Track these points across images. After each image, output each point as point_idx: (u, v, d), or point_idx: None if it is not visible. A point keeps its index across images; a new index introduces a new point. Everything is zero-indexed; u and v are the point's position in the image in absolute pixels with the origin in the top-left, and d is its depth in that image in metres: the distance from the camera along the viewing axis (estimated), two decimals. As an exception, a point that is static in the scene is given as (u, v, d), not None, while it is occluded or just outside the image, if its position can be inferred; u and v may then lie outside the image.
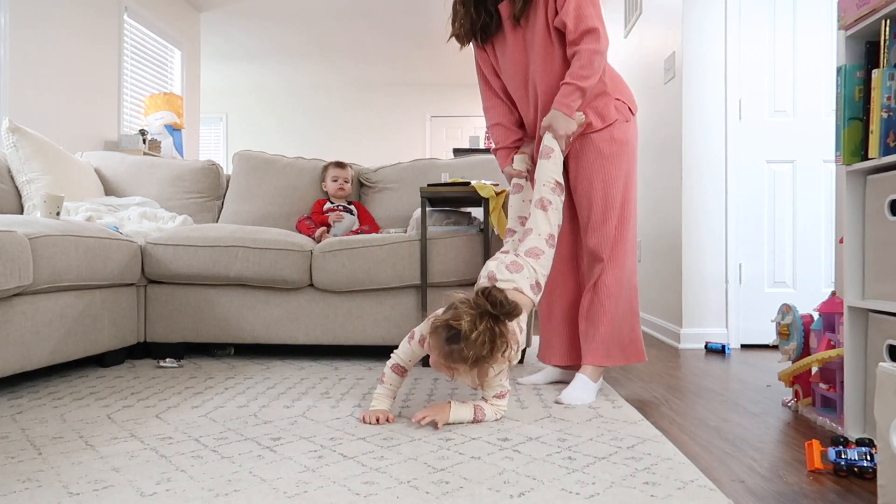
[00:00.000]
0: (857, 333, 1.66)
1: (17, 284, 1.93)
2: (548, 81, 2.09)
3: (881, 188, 1.59)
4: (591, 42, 1.99)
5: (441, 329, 1.60)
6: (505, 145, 2.25)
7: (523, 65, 2.14)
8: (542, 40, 2.07)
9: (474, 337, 1.56)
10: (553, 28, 2.05)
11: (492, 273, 1.86)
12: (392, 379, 1.79)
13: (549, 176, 2.00)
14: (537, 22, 2.07)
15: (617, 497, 1.21)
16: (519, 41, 2.13)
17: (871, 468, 1.36)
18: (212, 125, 8.91)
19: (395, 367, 1.80)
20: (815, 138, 3.36)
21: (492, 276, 1.85)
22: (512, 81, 2.19)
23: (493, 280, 1.83)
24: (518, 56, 2.14)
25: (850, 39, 1.67)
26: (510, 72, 2.18)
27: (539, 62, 2.09)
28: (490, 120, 2.29)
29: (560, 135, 2.01)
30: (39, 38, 4.06)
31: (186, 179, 3.40)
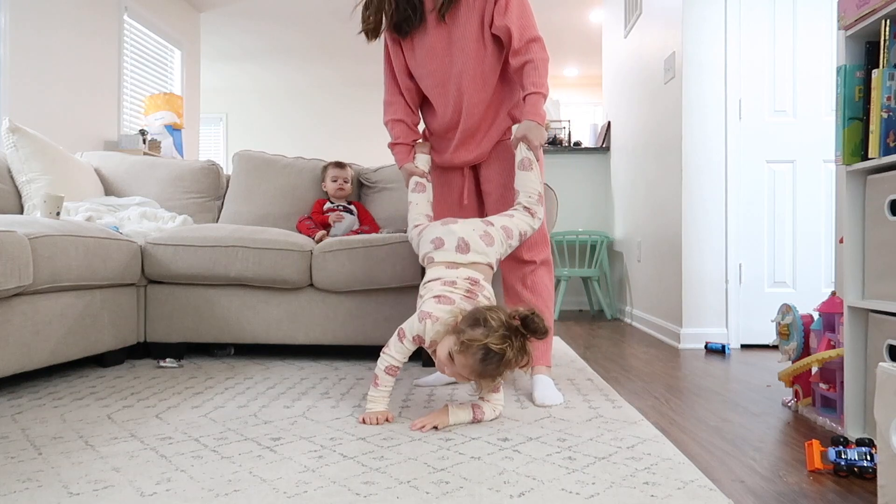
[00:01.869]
0: (857, 333, 1.66)
1: (17, 284, 1.93)
2: (476, 84, 2.07)
3: (881, 188, 1.59)
4: (540, 51, 2.00)
5: (477, 350, 1.58)
6: (405, 142, 2.23)
7: (445, 63, 2.09)
8: (475, 42, 2.04)
9: (511, 358, 1.59)
10: (488, 32, 2.03)
11: (463, 241, 1.89)
12: (387, 381, 1.77)
13: (534, 188, 2.04)
14: (469, 23, 2.03)
15: (617, 497, 1.21)
16: (443, 38, 2.07)
17: (871, 468, 1.36)
18: (212, 125, 8.91)
19: (390, 369, 1.76)
20: (815, 138, 3.36)
21: (462, 246, 1.88)
22: (429, 79, 2.13)
23: (463, 250, 1.88)
24: (440, 53, 2.08)
25: (850, 39, 1.67)
26: (428, 69, 2.12)
27: (469, 63, 2.05)
28: (391, 115, 2.24)
29: (536, 145, 2.02)
30: (39, 38, 4.06)
31: (186, 179, 3.40)
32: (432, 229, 1.98)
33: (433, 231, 1.97)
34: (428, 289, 1.83)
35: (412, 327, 1.74)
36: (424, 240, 1.97)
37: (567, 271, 4.91)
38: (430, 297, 1.77)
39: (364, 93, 8.68)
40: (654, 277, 3.99)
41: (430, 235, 1.96)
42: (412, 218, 2.13)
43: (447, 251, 1.89)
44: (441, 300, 1.74)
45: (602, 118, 5.83)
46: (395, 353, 1.75)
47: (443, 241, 1.90)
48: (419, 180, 2.18)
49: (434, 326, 1.68)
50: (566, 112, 7.57)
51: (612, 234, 5.32)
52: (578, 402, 2.00)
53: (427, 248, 1.94)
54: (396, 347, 1.75)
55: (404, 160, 2.22)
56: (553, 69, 8.35)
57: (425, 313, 1.71)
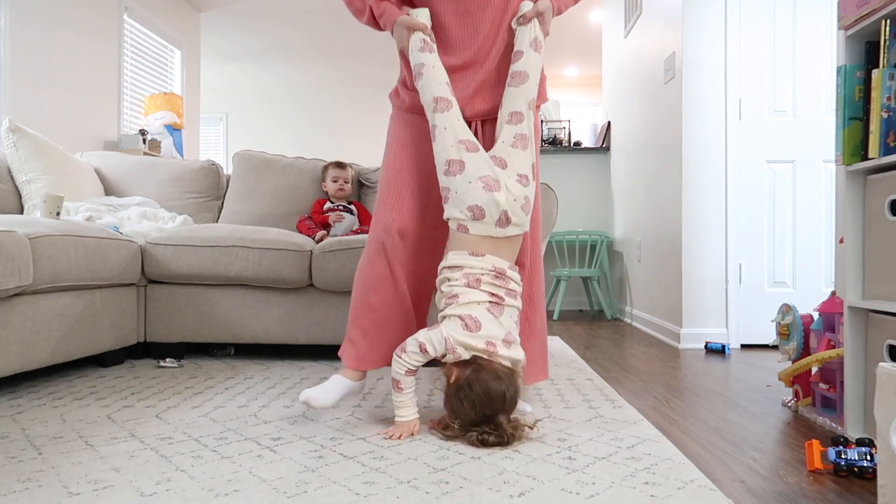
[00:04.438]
0: (857, 333, 1.66)
1: (17, 284, 1.93)
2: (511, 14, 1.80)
3: (881, 188, 1.59)
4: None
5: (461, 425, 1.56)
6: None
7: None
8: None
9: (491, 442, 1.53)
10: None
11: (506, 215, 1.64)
12: (408, 383, 1.63)
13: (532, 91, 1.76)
14: None
15: (617, 497, 1.21)
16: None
17: (871, 468, 1.36)
18: (212, 125, 8.90)
19: (410, 372, 1.62)
20: (815, 138, 3.36)
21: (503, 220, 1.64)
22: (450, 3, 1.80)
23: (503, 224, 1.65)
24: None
25: (850, 39, 1.67)
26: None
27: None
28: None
29: (547, 28, 1.78)
30: (39, 38, 4.06)
31: (186, 179, 3.40)
32: (475, 186, 1.64)
33: (475, 191, 1.64)
34: (451, 286, 1.64)
35: (434, 346, 1.58)
36: (461, 194, 1.65)
37: (567, 271, 4.91)
38: (455, 315, 1.59)
39: (364, 93, 8.68)
40: (654, 277, 3.99)
41: (469, 195, 1.64)
42: (430, 87, 1.71)
43: (486, 224, 1.65)
44: (467, 324, 1.56)
45: (602, 118, 5.83)
46: (413, 361, 1.61)
47: (483, 212, 1.63)
48: (423, 37, 1.74)
49: (449, 357, 1.58)
50: (566, 112, 7.57)
51: (612, 233, 5.32)
52: (578, 402, 2.00)
53: (462, 215, 1.65)
54: (415, 357, 1.61)
55: (394, 15, 1.77)
56: (553, 69, 8.36)
57: (451, 346, 1.56)
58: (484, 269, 1.64)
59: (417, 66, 1.74)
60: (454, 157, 1.67)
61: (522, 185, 1.69)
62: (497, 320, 1.60)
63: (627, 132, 4.76)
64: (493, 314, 1.60)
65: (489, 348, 1.56)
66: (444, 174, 1.69)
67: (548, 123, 5.90)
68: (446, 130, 1.69)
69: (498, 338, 1.58)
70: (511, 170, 1.68)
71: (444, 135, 1.69)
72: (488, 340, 1.56)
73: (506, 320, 1.62)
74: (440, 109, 1.70)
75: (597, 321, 4.67)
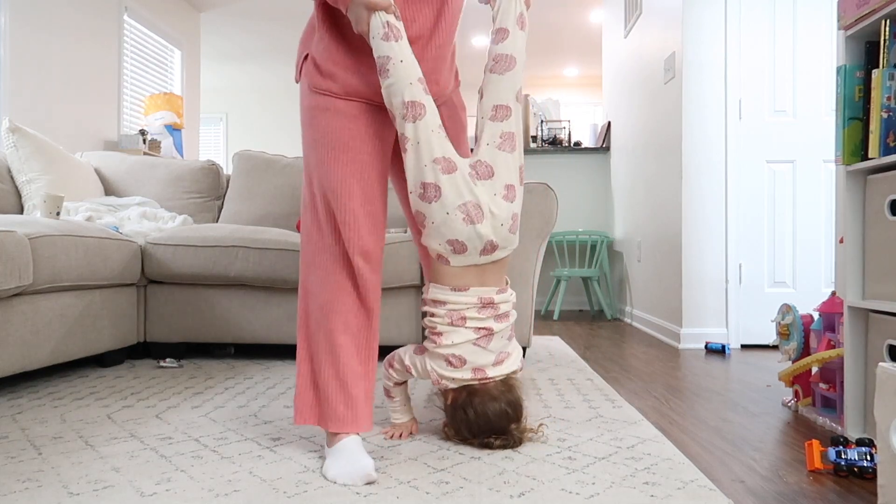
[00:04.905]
0: (857, 333, 1.66)
1: (17, 284, 1.93)
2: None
3: (881, 188, 1.59)
4: None
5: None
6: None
7: None
8: None
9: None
10: None
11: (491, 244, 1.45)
12: (398, 391, 1.63)
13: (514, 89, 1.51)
14: None
15: (617, 497, 1.21)
16: None
17: (871, 468, 1.36)
18: (212, 125, 8.91)
19: (399, 383, 1.62)
20: (815, 138, 3.36)
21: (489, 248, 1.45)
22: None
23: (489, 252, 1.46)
24: None
25: (850, 39, 1.67)
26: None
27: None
28: None
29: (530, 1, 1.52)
30: (39, 39, 4.06)
31: (186, 179, 3.41)
32: (454, 217, 1.41)
33: (454, 223, 1.41)
34: (433, 322, 1.48)
35: (419, 371, 1.52)
36: (438, 225, 1.42)
37: (567, 271, 4.91)
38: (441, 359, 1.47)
39: (364, 93, 8.68)
40: (654, 277, 3.99)
41: (447, 227, 1.42)
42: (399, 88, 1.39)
43: (469, 256, 1.45)
44: (451, 363, 1.47)
45: (602, 118, 5.83)
46: (401, 377, 1.60)
47: (465, 246, 1.43)
48: (387, 19, 1.38)
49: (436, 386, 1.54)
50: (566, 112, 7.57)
51: (612, 234, 5.32)
52: (578, 402, 2.00)
53: (441, 248, 1.45)
54: (403, 374, 1.58)
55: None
56: (553, 69, 8.36)
57: (435, 379, 1.49)
58: (469, 303, 1.46)
59: (382, 60, 1.39)
60: (429, 181, 1.40)
61: (509, 200, 1.47)
62: (485, 350, 1.47)
63: (627, 132, 4.76)
64: (480, 346, 1.47)
65: (477, 375, 1.47)
66: (418, 197, 1.43)
67: (548, 123, 5.90)
68: (420, 146, 1.40)
69: (487, 364, 1.47)
70: (498, 180, 1.45)
71: (418, 151, 1.40)
72: (475, 368, 1.47)
73: (496, 344, 1.49)
74: (412, 117, 1.39)
75: (597, 321, 4.67)
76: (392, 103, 1.41)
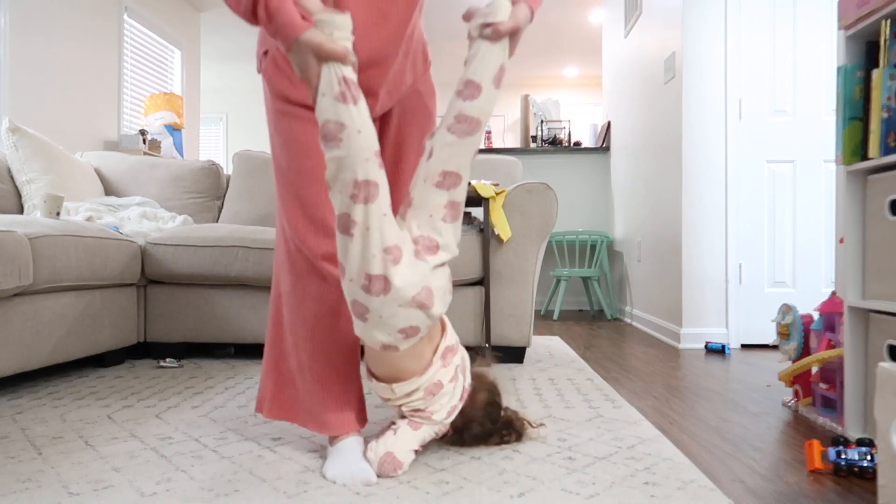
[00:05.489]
0: (858, 333, 1.66)
1: (17, 284, 1.93)
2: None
3: (881, 188, 1.59)
4: None
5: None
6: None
7: None
8: None
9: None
10: None
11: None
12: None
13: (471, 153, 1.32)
14: None
15: (617, 497, 1.21)
16: None
17: (872, 468, 1.36)
18: (212, 125, 8.90)
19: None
20: (815, 138, 3.36)
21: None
22: None
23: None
24: None
25: (850, 39, 1.67)
26: None
27: None
28: None
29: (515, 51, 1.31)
30: (39, 39, 4.06)
31: (186, 179, 3.41)
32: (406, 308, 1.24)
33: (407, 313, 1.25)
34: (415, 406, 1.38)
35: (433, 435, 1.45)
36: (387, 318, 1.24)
37: (567, 271, 4.91)
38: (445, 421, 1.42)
39: (364, 93, 8.68)
40: (654, 277, 3.99)
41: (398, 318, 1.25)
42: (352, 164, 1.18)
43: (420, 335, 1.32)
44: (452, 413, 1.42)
45: (602, 118, 5.83)
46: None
47: (418, 329, 1.28)
48: (345, 72, 1.18)
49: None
50: (566, 112, 7.57)
51: (612, 234, 5.32)
52: (578, 402, 2.00)
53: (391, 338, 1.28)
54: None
55: (295, 23, 1.17)
56: (553, 69, 8.36)
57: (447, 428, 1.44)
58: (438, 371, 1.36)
59: (333, 126, 1.17)
60: (377, 273, 1.20)
61: (445, 269, 1.32)
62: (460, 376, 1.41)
63: (627, 132, 4.76)
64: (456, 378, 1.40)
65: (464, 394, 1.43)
66: (360, 288, 1.22)
67: (548, 123, 5.90)
68: (369, 232, 1.19)
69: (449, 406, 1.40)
70: (439, 256, 1.28)
71: (367, 238, 1.19)
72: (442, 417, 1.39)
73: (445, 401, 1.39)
74: (363, 199, 1.18)
75: (597, 321, 4.67)
76: (338, 178, 1.19)
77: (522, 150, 5.67)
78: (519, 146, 6.62)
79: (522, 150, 5.67)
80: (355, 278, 1.22)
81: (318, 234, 1.37)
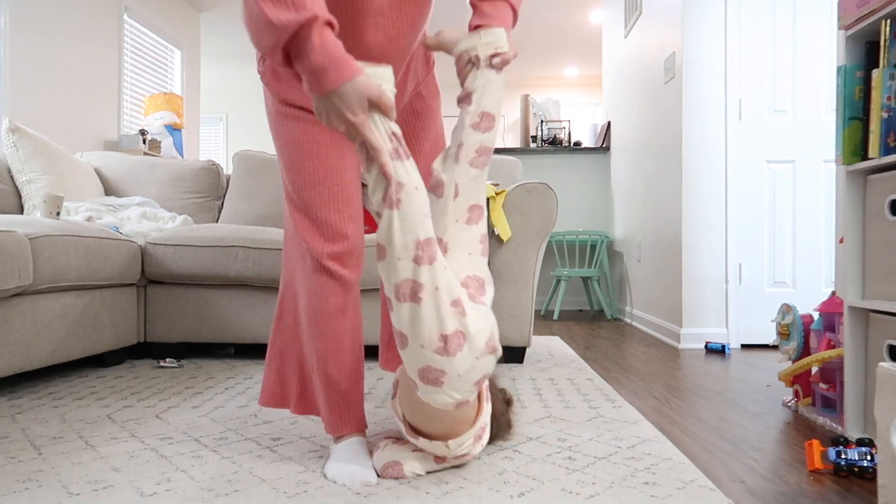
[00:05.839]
0: (858, 333, 1.66)
1: (17, 284, 1.93)
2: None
3: (881, 188, 1.59)
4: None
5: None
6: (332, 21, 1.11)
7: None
8: None
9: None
10: None
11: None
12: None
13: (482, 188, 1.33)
14: None
15: (617, 497, 1.21)
16: None
17: (872, 468, 1.36)
18: (212, 125, 8.91)
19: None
20: (815, 138, 3.36)
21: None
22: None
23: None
24: None
25: (850, 39, 1.67)
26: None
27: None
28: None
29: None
30: (39, 39, 4.06)
31: (186, 179, 3.41)
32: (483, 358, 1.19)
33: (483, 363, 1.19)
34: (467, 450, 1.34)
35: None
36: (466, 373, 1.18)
37: (567, 271, 4.91)
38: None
39: (364, 93, 8.68)
40: (654, 277, 3.99)
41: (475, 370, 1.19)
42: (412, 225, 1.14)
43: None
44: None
45: (602, 118, 5.83)
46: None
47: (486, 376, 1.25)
48: (394, 127, 1.17)
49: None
50: (566, 112, 7.58)
51: (612, 234, 5.32)
52: (578, 402, 2.00)
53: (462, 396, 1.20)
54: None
55: (348, 67, 1.10)
56: (553, 69, 8.36)
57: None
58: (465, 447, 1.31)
59: (394, 187, 1.13)
60: (452, 331, 1.13)
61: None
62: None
63: (627, 132, 4.76)
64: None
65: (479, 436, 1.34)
66: (434, 352, 1.14)
67: (548, 123, 5.90)
68: (439, 291, 1.13)
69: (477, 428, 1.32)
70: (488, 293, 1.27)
71: (438, 299, 1.13)
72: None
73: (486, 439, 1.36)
74: (428, 259, 1.13)
75: (597, 321, 4.67)
76: (396, 241, 1.13)
77: (522, 149, 5.67)
78: (519, 146, 6.62)
79: (522, 149, 5.67)
80: (427, 343, 1.14)
81: (321, 235, 1.36)
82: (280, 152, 1.40)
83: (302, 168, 1.35)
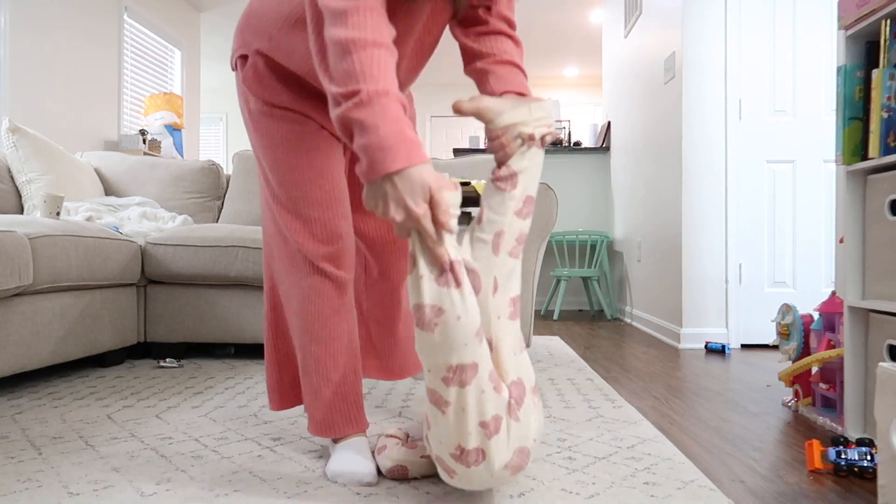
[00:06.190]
0: (857, 333, 1.66)
1: (17, 284, 1.93)
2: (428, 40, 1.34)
3: (881, 188, 1.59)
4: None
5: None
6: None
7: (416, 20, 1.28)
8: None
9: None
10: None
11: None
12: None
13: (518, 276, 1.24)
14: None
15: (617, 497, 1.21)
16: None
17: (872, 468, 1.36)
18: (212, 125, 8.91)
19: None
20: (815, 138, 3.36)
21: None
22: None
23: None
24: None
25: (850, 39, 1.67)
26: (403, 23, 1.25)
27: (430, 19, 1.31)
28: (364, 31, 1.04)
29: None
30: (39, 39, 4.06)
31: (186, 179, 3.41)
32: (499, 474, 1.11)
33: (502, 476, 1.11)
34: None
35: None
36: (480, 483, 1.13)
37: (567, 271, 4.91)
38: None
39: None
40: (654, 277, 3.99)
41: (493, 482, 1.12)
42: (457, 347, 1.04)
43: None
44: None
45: (602, 118, 5.83)
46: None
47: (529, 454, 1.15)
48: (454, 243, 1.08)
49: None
50: (566, 112, 7.58)
51: (612, 234, 5.32)
52: (578, 402, 2.00)
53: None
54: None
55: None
56: (553, 69, 8.36)
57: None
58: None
59: (429, 312, 1.04)
60: (471, 447, 1.08)
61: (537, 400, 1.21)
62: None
63: (627, 132, 4.76)
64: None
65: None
66: (449, 455, 1.11)
67: (548, 123, 5.90)
68: (465, 413, 1.07)
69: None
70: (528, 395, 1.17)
71: (463, 418, 1.07)
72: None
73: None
74: (458, 383, 1.06)
75: (597, 321, 4.67)
76: (428, 358, 1.06)
77: (522, 150, 5.66)
78: (519, 146, 6.61)
79: (522, 150, 5.66)
80: (445, 442, 1.09)
81: (314, 237, 1.34)
82: (264, 152, 1.36)
83: (292, 166, 1.33)
